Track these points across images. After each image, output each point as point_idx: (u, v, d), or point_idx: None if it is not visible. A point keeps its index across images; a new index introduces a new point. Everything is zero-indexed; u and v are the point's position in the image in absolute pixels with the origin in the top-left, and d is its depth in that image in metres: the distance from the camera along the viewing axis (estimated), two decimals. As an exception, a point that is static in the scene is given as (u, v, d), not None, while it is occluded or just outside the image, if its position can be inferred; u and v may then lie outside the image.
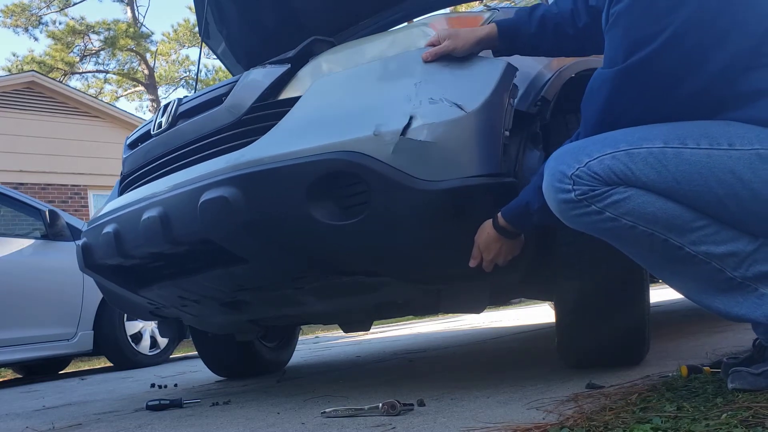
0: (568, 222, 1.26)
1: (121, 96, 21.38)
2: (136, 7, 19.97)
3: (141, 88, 20.60)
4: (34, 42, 44.81)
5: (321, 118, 1.64)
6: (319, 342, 5.56)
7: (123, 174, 2.28)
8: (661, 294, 5.74)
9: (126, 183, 2.21)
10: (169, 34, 21.16)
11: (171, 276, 1.97)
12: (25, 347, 4.22)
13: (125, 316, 4.65)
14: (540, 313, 5.73)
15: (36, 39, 38.13)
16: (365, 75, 1.70)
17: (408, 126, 1.50)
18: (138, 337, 4.85)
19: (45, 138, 11.26)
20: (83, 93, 13.26)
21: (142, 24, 19.92)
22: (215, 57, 3.86)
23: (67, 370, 5.68)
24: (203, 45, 3.33)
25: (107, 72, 20.75)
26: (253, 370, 2.95)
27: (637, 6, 1.18)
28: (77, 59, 19.83)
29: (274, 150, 1.61)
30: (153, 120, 2.12)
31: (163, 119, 2.04)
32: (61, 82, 15.69)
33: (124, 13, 20.71)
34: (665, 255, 1.21)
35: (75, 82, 20.49)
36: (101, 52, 19.87)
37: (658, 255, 1.23)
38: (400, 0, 2.95)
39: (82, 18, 19.42)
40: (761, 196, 1.15)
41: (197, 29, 3.76)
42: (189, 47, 21.33)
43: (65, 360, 5.49)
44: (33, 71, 13.22)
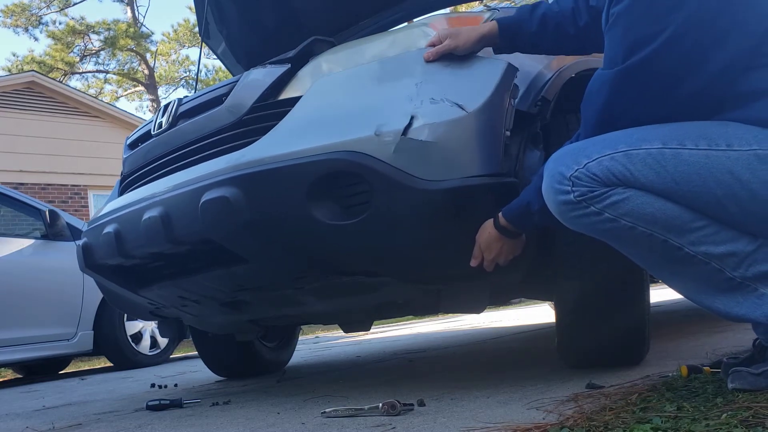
0: (567, 223, 1.26)
1: (121, 96, 21.40)
2: (136, 7, 19.98)
3: (141, 88, 20.60)
4: (34, 42, 44.86)
5: (322, 118, 1.65)
6: (319, 342, 5.56)
7: (123, 174, 2.28)
8: (661, 294, 5.74)
9: (126, 183, 2.21)
10: (169, 34, 21.18)
11: (171, 276, 1.97)
12: (25, 347, 4.22)
13: (125, 316, 4.65)
14: (540, 313, 5.73)
15: (36, 39, 38.16)
16: (366, 75, 1.70)
17: (409, 126, 1.51)
18: (138, 337, 4.85)
19: (45, 138, 11.26)
20: (83, 93, 13.26)
21: (142, 24, 19.93)
22: (215, 57, 3.86)
23: (67, 370, 5.68)
24: (203, 45, 3.34)
25: (107, 72, 20.77)
26: (253, 370, 2.95)
27: (637, 6, 1.18)
28: (77, 59, 19.83)
29: (274, 150, 1.61)
30: (153, 120, 2.12)
31: (164, 119, 2.04)
32: (61, 82, 15.69)
33: (124, 13, 20.74)
34: (665, 255, 1.21)
35: (75, 82, 20.53)
36: (101, 52, 19.88)
37: (657, 255, 1.23)
38: (400, 0, 2.95)
39: (82, 18, 19.45)
40: (760, 196, 1.15)
41: (197, 29, 3.76)
42: (189, 47, 21.34)
43: (65, 360, 5.49)
44: (33, 71, 13.22)
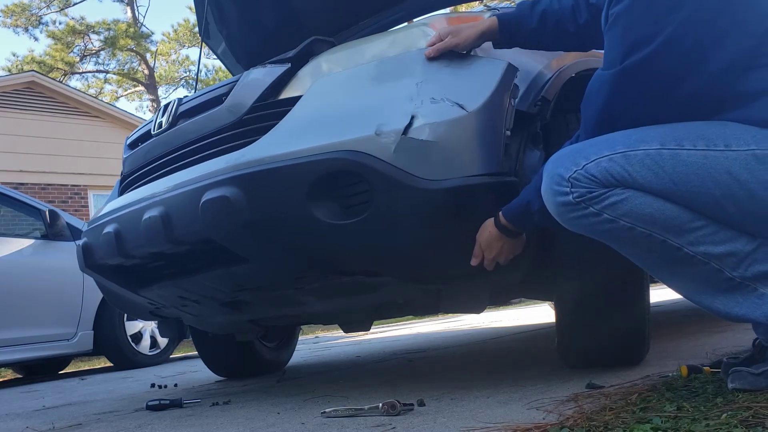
0: (566, 224, 1.26)
1: (121, 96, 21.40)
2: (136, 7, 19.98)
3: (141, 88, 20.60)
4: (34, 42, 44.84)
5: (322, 117, 1.65)
6: (319, 342, 5.56)
7: (123, 174, 2.28)
8: (661, 294, 5.74)
9: (126, 183, 2.21)
10: (169, 34, 21.18)
11: (171, 276, 1.97)
12: (25, 347, 4.22)
13: (125, 316, 4.65)
14: (540, 313, 5.73)
15: (36, 39, 38.14)
16: (366, 75, 1.70)
17: (410, 125, 1.51)
18: (138, 337, 4.85)
19: (45, 138, 11.26)
20: (83, 93, 13.26)
21: (142, 24, 19.93)
22: (215, 57, 3.86)
23: (67, 370, 5.68)
24: (203, 45, 3.33)
25: (107, 72, 20.77)
26: (253, 370, 2.95)
27: (637, 7, 1.18)
28: (77, 59, 19.83)
29: (275, 150, 1.61)
30: (153, 120, 2.12)
31: (164, 119, 2.04)
32: (61, 82, 15.69)
33: (124, 13, 20.73)
34: (664, 256, 1.21)
35: (75, 82, 20.53)
36: (101, 52, 19.87)
37: (656, 256, 1.23)
38: (400, 0, 2.95)
39: (82, 18, 19.45)
40: (758, 196, 1.15)
41: (197, 29, 3.76)
42: (189, 47, 21.34)
43: (65, 360, 5.49)
44: (33, 71, 13.21)
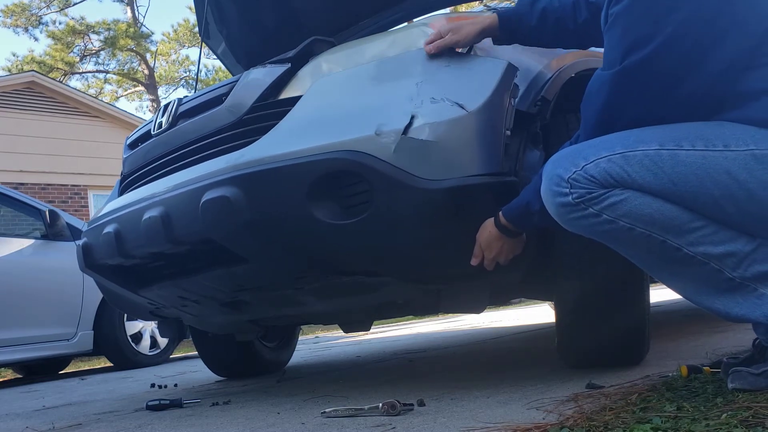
0: (566, 225, 1.26)
1: (121, 96, 21.40)
2: (136, 7, 19.98)
3: (141, 88, 20.60)
4: (34, 42, 44.84)
5: (322, 117, 1.65)
6: (319, 342, 5.56)
7: (123, 174, 2.28)
8: (661, 294, 5.74)
9: (126, 183, 2.21)
10: (169, 34, 21.19)
11: (171, 276, 1.97)
12: (25, 347, 4.22)
13: (125, 316, 4.65)
14: (540, 313, 5.73)
15: (36, 39, 38.16)
16: (366, 74, 1.70)
17: (410, 125, 1.51)
18: (138, 337, 4.85)
19: (45, 138, 11.26)
20: (83, 93, 13.25)
21: (142, 24, 19.92)
22: (215, 57, 3.86)
23: (67, 370, 5.68)
24: (203, 45, 3.33)
25: (107, 72, 20.77)
26: (253, 370, 2.95)
27: (636, 7, 1.18)
28: (77, 59, 19.83)
29: (275, 150, 1.61)
30: (153, 120, 2.12)
31: (164, 119, 2.04)
32: (61, 82, 15.69)
33: (124, 13, 20.73)
34: (663, 256, 1.21)
35: (75, 82, 20.53)
36: (101, 52, 19.87)
37: (656, 256, 1.23)
38: (400, 0, 2.95)
39: (82, 18, 19.45)
40: (757, 196, 1.15)
41: (197, 29, 3.76)
42: (189, 47, 21.34)
43: (65, 360, 5.49)
44: (33, 71, 13.21)
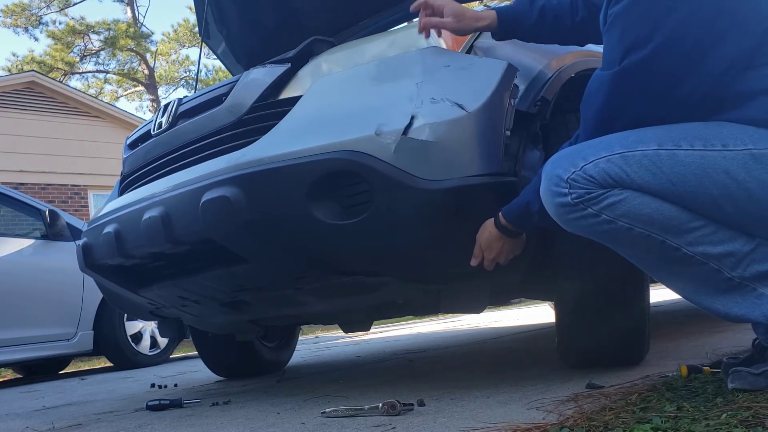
0: (565, 225, 1.26)
1: (121, 96, 21.39)
2: (136, 7, 19.97)
3: (141, 88, 20.59)
4: (34, 42, 44.88)
5: (322, 117, 1.65)
6: (319, 342, 5.56)
7: (123, 174, 2.28)
8: (661, 294, 5.74)
9: (126, 183, 2.21)
10: (169, 34, 21.18)
11: (171, 276, 1.97)
12: (25, 347, 4.22)
13: (125, 316, 4.65)
14: (540, 313, 5.73)
15: (36, 39, 38.21)
16: (366, 75, 1.70)
17: (410, 125, 1.51)
18: (138, 337, 4.85)
19: (45, 138, 11.26)
20: (83, 93, 13.25)
21: (142, 24, 19.92)
22: (215, 57, 3.86)
23: (67, 370, 5.68)
24: (203, 45, 3.33)
25: (107, 72, 20.76)
26: (253, 370, 2.95)
27: (636, 7, 1.18)
28: (77, 59, 19.83)
29: (275, 150, 1.61)
30: (153, 120, 2.12)
31: (164, 119, 2.04)
32: (61, 82, 15.68)
33: (124, 13, 20.72)
34: (663, 256, 1.21)
35: (75, 82, 20.52)
36: (101, 52, 19.87)
37: (655, 256, 1.23)
38: (400, 0, 2.95)
39: (82, 18, 19.44)
40: (756, 195, 1.15)
41: (197, 29, 3.76)
42: (189, 47, 21.33)
43: (65, 360, 5.49)
44: (33, 71, 13.21)
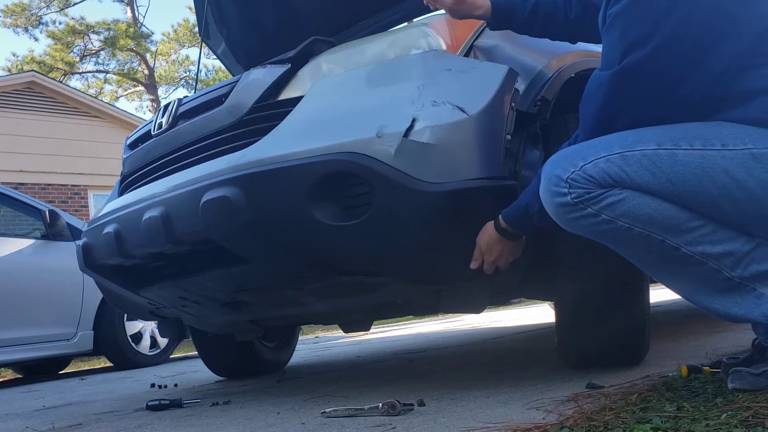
0: (565, 225, 1.26)
1: (121, 96, 21.37)
2: (136, 7, 19.96)
3: (141, 88, 20.58)
4: (34, 42, 44.81)
5: (323, 119, 1.65)
6: (319, 342, 5.56)
7: (123, 174, 2.28)
8: (661, 294, 5.74)
9: (126, 183, 2.21)
10: (169, 34, 21.15)
11: (171, 276, 1.97)
12: (25, 347, 4.22)
13: (125, 316, 4.65)
14: (540, 313, 5.73)
15: (36, 39, 38.19)
16: (367, 77, 1.70)
17: (411, 128, 1.51)
18: (138, 337, 4.85)
19: (45, 138, 11.26)
20: (83, 93, 13.25)
21: (142, 24, 19.90)
22: (215, 57, 3.86)
23: (67, 370, 5.67)
24: (203, 45, 3.34)
25: (107, 72, 20.75)
26: (253, 370, 2.95)
27: (635, 7, 1.18)
28: (77, 59, 19.81)
29: (276, 150, 1.61)
30: (153, 120, 2.12)
31: (164, 119, 2.04)
32: (61, 82, 15.68)
33: (124, 13, 20.69)
34: (662, 256, 1.21)
35: (75, 82, 20.51)
36: (101, 52, 19.85)
37: (655, 256, 1.23)
38: (400, 0, 2.95)
39: (82, 18, 19.42)
40: (755, 195, 1.15)
41: (197, 29, 3.75)
42: (189, 47, 21.31)
43: (65, 360, 5.49)
44: (33, 71, 13.20)
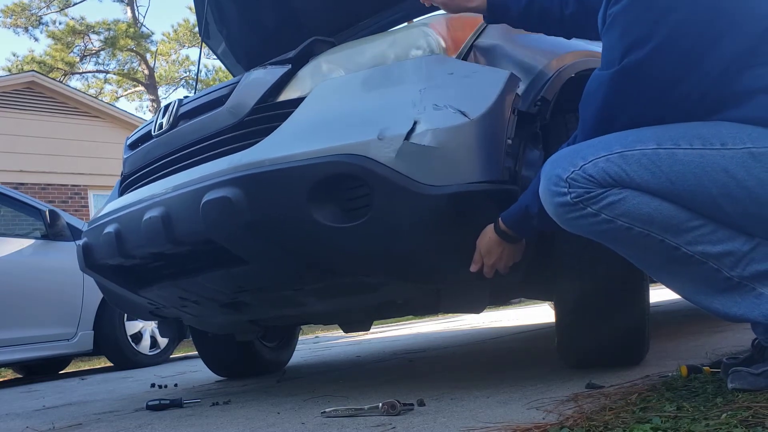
0: (565, 225, 1.27)
1: (121, 96, 21.37)
2: (136, 7, 19.95)
3: (141, 88, 20.58)
4: (34, 42, 44.79)
5: (324, 121, 1.65)
6: (319, 342, 5.56)
7: (123, 174, 2.28)
8: (661, 294, 5.74)
9: (127, 183, 2.21)
10: (169, 34, 21.15)
11: (171, 276, 1.97)
12: (25, 347, 4.22)
13: (125, 316, 4.65)
14: (540, 313, 5.73)
15: (36, 39, 38.19)
16: (369, 79, 1.70)
17: (412, 131, 1.51)
18: (138, 337, 4.85)
19: (45, 138, 11.26)
20: (83, 93, 13.25)
21: (142, 24, 19.90)
22: (215, 57, 3.86)
23: (67, 370, 5.68)
24: (203, 45, 3.34)
25: (107, 72, 20.74)
26: (253, 370, 2.95)
27: (635, 7, 1.18)
28: (77, 59, 19.81)
29: (277, 152, 1.61)
30: (154, 120, 2.12)
31: (164, 120, 2.04)
32: (61, 82, 15.67)
33: (124, 13, 20.69)
34: (662, 256, 1.21)
35: (75, 82, 20.50)
36: (101, 52, 19.85)
37: (654, 256, 1.23)
38: (400, 0, 2.96)
39: (82, 18, 19.42)
40: (755, 194, 1.15)
41: (197, 29, 3.76)
42: (189, 47, 21.31)
43: (65, 360, 5.49)
44: (33, 71, 13.21)
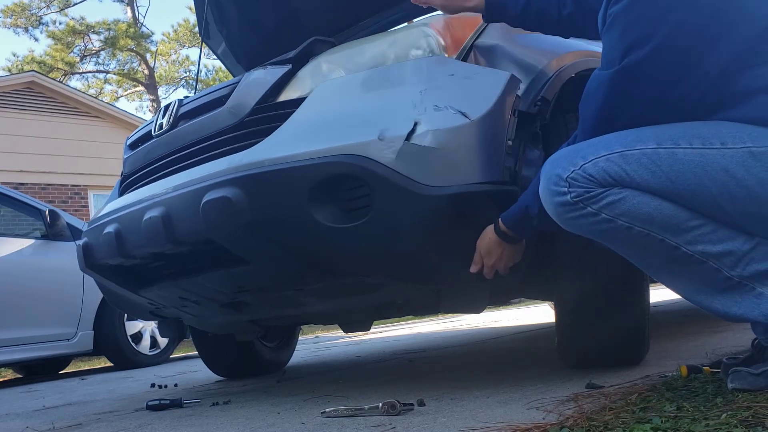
0: (565, 225, 1.27)
1: (121, 96, 21.37)
2: (136, 7, 19.95)
3: (141, 88, 20.58)
4: (34, 42, 44.81)
5: (325, 121, 1.65)
6: (319, 342, 5.56)
7: (124, 174, 2.28)
8: (661, 294, 5.74)
9: (127, 183, 2.22)
10: (169, 34, 21.15)
11: (171, 276, 1.97)
12: (25, 347, 4.22)
13: (125, 316, 4.65)
14: (540, 313, 5.74)
15: (36, 39, 38.21)
16: (370, 80, 1.70)
17: (412, 131, 1.51)
18: (138, 337, 4.85)
19: (45, 138, 11.26)
20: (83, 93, 13.25)
21: (142, 24, 19.90)
22: (215, 57, 3.86)
23: (67, 370, 5.68)
24: (203, 45, 3.34)
25: (107, 72, 20.75)
26: (253, 370, 2.95)
27: (635, 7, 1.19)
28: (77, 59, 19.81)
29: (277, 152, 1.62)
30: (154, 121, 2.12)
31: (164, 120, 2.04)
32: (61, 82, 15.67)
33: (124, 13, 20.69)
34: (662, 255, 1.21)
35: (75, 82, 20.50)
36: (101, 52, 19.85)
37: (655, 256, 1.23)
38: (400, 0, 2.96)
39: (82, 18, 19.42)
40: (755, 193, 1.15)
41: (197, 29, 3.76)
42: (189, 47, 21.31)
43: (65, 360, 5.49)
44: (33, 71, 13.21)
